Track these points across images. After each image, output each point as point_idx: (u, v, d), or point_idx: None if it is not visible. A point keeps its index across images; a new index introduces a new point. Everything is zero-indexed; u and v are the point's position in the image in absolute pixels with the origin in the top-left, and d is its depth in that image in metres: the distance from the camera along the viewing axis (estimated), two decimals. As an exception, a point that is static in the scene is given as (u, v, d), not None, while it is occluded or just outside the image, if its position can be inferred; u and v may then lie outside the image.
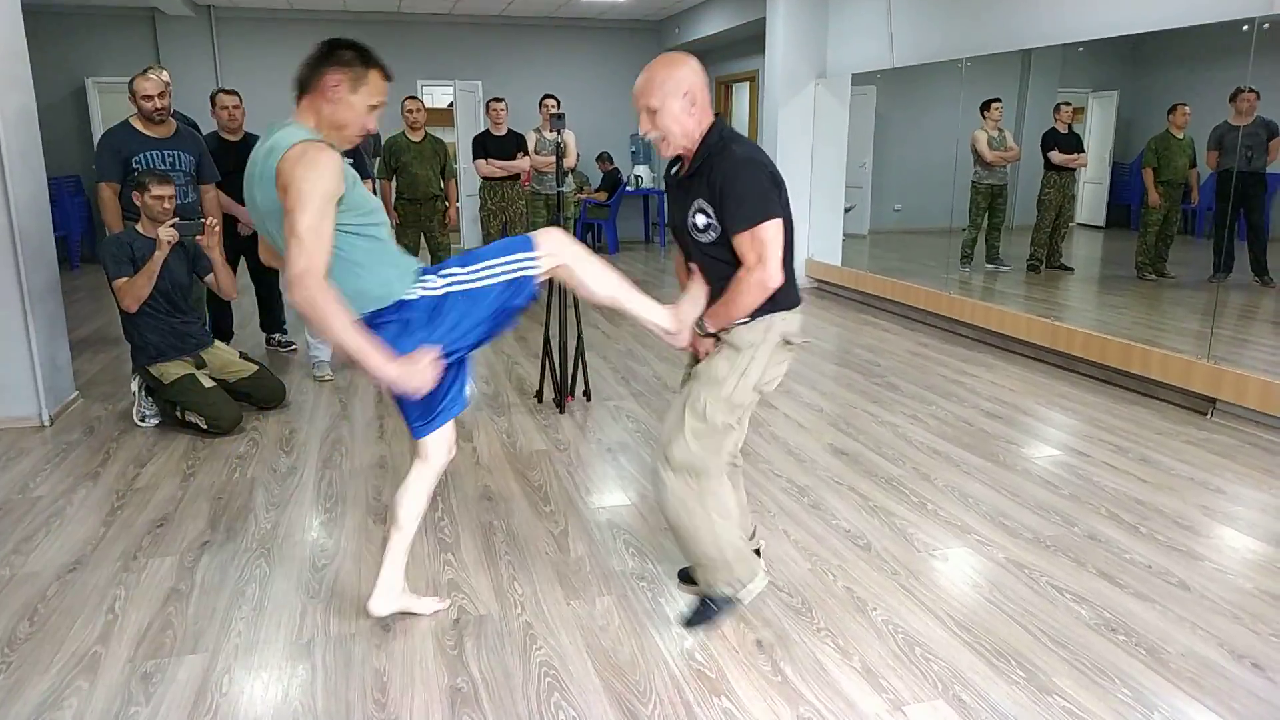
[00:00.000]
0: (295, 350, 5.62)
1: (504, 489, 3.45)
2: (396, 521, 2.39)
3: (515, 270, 2.21)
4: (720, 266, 2.31)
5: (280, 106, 2.06)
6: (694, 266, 2.40)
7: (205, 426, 4.01)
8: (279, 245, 2.09)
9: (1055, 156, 5.88)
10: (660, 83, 2.24)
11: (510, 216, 7.05)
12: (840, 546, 2.93)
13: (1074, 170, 5.96)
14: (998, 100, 6.16)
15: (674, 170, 2.44)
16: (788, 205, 2.30)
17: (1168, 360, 4.39)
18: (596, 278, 2.30)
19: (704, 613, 2.48)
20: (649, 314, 2.36)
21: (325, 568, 2.80)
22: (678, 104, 2.24)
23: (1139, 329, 4.98)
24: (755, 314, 2.32)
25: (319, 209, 1.94)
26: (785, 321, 2.36)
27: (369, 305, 2.13)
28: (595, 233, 10.68)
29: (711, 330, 2.40)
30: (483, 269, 2.20)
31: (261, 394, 4.35)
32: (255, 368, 4.36)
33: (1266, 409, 3.96)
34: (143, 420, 4.17)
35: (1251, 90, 4.23)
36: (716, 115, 2.36)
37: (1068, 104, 5.82)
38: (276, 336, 5.69)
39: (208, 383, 4.08)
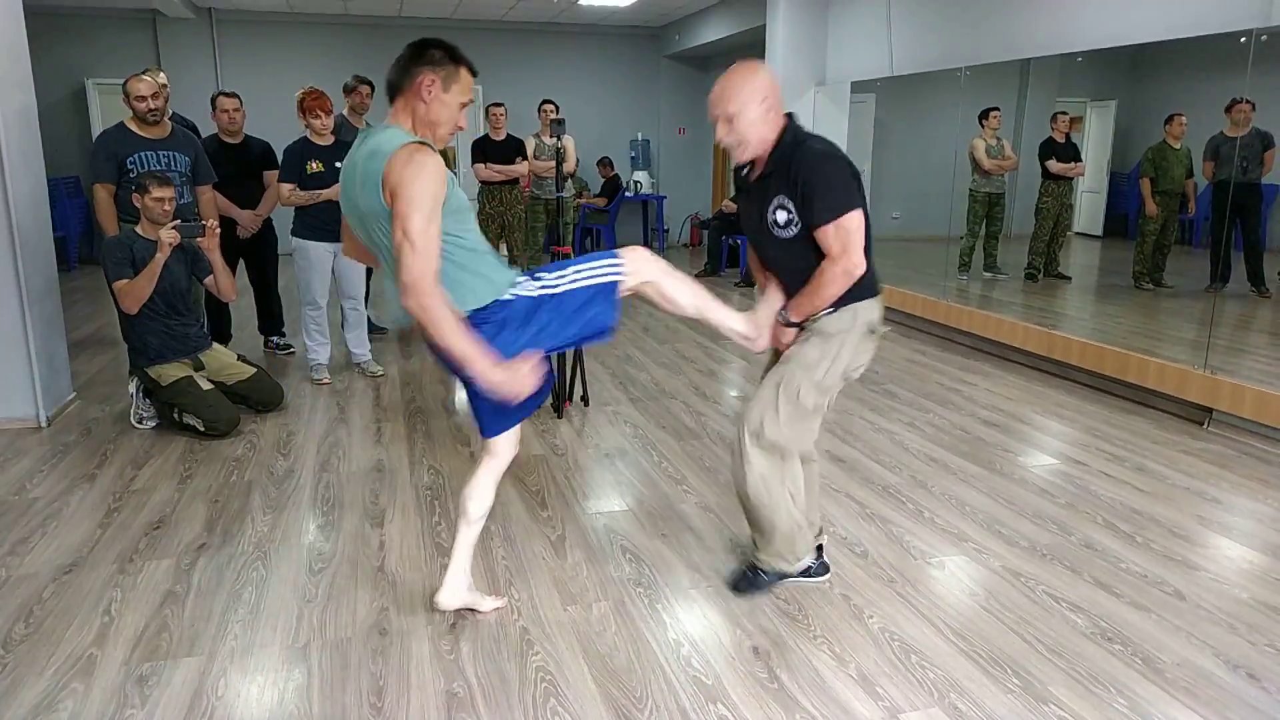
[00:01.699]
0: (293, 353, 5.62)
1: (501, 494, 3.45)
2: (466, 516, 2.43)
3: (601, 275, 2.23)
4: (800, 260, 2.37)
5: (280, 109, 2.07)
6: (770, 265, 2.47)
7: (202, 429, 4.00)
8: (378, 245, 2.14)
9: (1053, 166, 5.89)
10: (738, 90, 2.30)
11: (509, 221, 7.06)
12: (837, 553, 2.92)
13: (1071, 179, 5.97)
14: (996, 109, 6.18)
15: (744, 173, 2.49)
16: (864, 194, 2.36)
17: (1165, 370, 4.41)
18: (681, 292, 2.35)
19: (754, 581, 2.60)
20: (729, 322, 2.44)
21: (322, 571, 2.80)
22: (756, 110, 2.30)
23: (1136, 338, 4.99)
24: (838, 303, 2.39)
25: (428, 213, 1.96)
26: (868, 310, 2.44)
27: (470, 304, 2.14)
28: (594, 238, 10.68)
29: (795, 320, 2.46)
30: (570, 274, 2.22)
31: (259, 396, 4.35)
32: (253, 370, 4.36)
33: (1262, 419, 3.97)
34: (140, 422, 4.16)
35: (1247, 101, 4.24)
36: (788, 115, 2.39)
37: (1065, 113, 5.84)
38: (275, 339, 5.69)
39: (205, 385, 4.08)
